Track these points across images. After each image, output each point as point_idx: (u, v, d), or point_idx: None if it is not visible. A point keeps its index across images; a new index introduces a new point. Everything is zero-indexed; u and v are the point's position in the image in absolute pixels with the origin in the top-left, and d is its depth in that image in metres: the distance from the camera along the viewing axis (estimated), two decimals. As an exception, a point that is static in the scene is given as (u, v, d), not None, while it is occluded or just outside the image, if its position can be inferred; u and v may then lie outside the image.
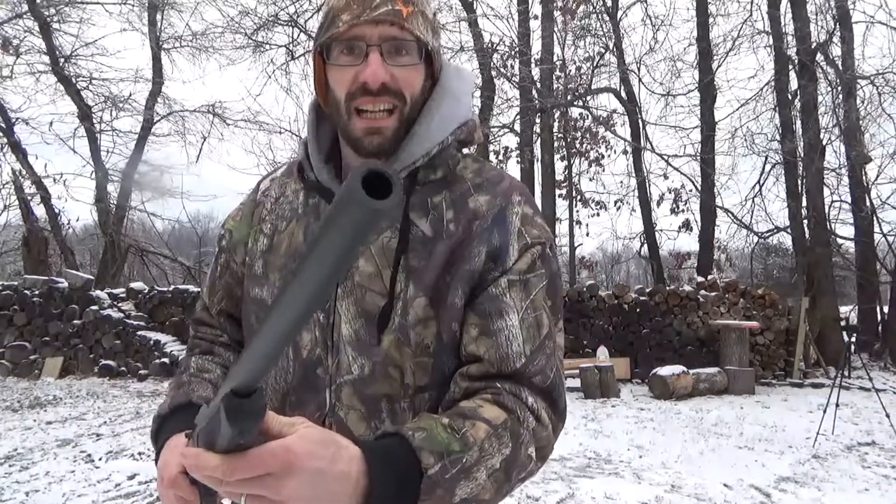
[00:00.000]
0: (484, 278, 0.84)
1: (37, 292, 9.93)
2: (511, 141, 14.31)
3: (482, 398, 0.78)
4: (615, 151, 14.80)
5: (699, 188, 13.03)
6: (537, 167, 13.34)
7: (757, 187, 13.42)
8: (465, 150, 0.96)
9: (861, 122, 11.37)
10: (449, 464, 0.67)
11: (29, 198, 12.78)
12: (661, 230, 14.62)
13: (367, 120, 0.82)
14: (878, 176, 12.07)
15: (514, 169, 13.39)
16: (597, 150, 14.82)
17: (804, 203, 11.67)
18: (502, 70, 13.10)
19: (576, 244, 16.25)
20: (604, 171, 15.18)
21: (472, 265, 0.84)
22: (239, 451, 0.53)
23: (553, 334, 0.85)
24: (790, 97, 12.15)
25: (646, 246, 14.54)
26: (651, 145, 14.15)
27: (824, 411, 5.64)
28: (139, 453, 4.98)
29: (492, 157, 13.94)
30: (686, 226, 14.13)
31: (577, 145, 14.75)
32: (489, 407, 0.76)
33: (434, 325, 0.83)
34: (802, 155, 11.58)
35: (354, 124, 0.82)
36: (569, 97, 13.73)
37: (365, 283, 0.84)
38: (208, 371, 0.95)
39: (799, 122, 11.91)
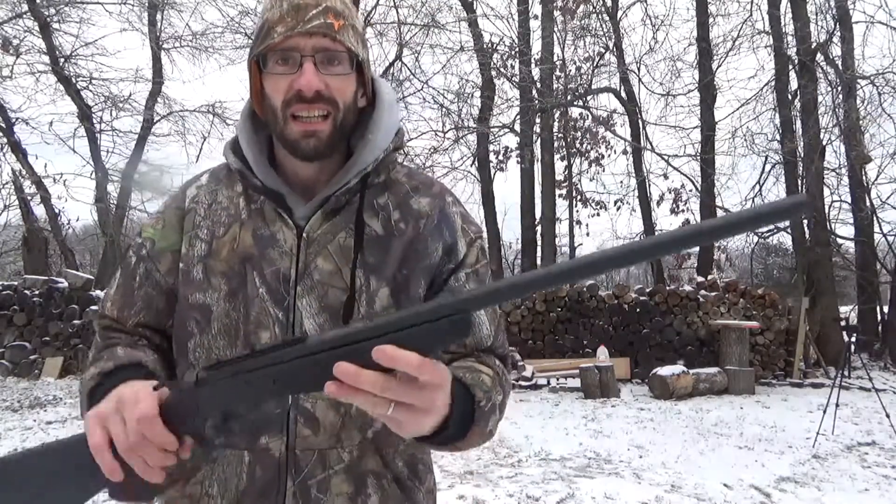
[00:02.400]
0: (441, 271, 0.95)
1: (37, 292, 9.93)
2: (511, 141, 14.32)
3: (470, 361, 0.91)
4: (615, 151, 14.81)
5: (699, 188, 13.03)
6: (537, 167, 13.34)
7: (757, 187, 13.43)
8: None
9: (861, 122, 11.36)
10: (486, 399, 0.81)
11: (29, 198, 12.78)
12: (662, 230, 14.58)
13: (304, 124, 0.86)
14: (878, 176, 12.09)
15: (514, 169, 13.41)
16: (597, 150, 14.82)
17: (804, 203, 11.65)
18: (502, 70, 13.11)
19: (576, 244, 16.26)
20: (604, 171, 15.19)
21: (431, 260, 0.94)
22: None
23: (498, 311, 0.99)
24: (790, 97, 12.15)
25: (645, 246, 14.51)
26: (651, 145, 14.16)
27: (824, 411, 5.64)
28: (139, 453, 4.98)
29: (492, 156, 13.96)
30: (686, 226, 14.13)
31: (577, 145, 14.75)
32: (480, 365, 0.89)
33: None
34: (802, 155, 11.59)
35: (291, 129, 0.87)
36: (569, 97, 13.73)
37: (326, 280, 0.89)
38: (140, 352, 0.91)
39: (799, 122, 11.91)
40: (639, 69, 14.32)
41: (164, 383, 0.74)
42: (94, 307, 9.65)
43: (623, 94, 14.14)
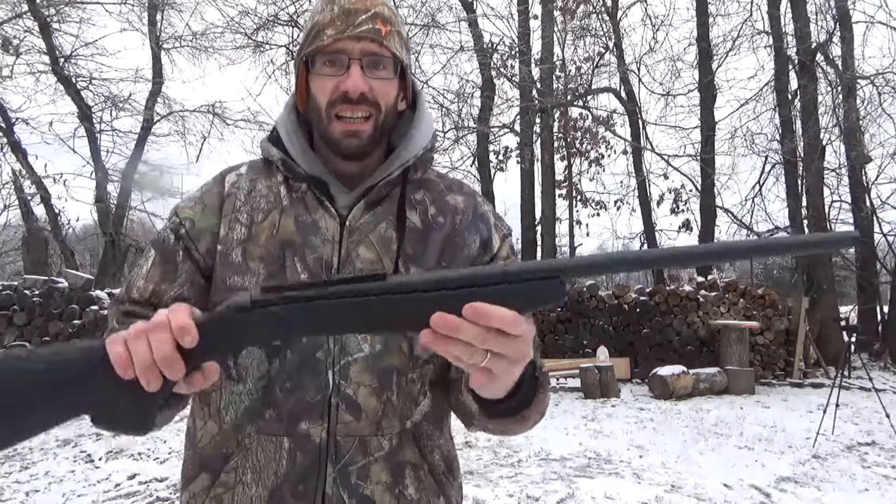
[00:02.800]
0: (475, 263, 0.98)
1: (37, 292, 9.93)
2: (511, 141, 14.32)
3: None
4: (615, 151, 14.80)
5: (699, 188, 13.03)
6: (537, 167, 13.32)
7: (757, 187, 13.43)
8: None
9: (861, 122, 11.36)
10: (542, 371, 0.84)
11: (29, 198, 12.77)
12: (661, 230, 14.62)
13: (346, 123, 0.90)
14: (878, 176, 12.08)
15: (514, 169, 13.40)
16: (597, 150, 14.81)
17: (804, 203, 11.67)
18: (502, 70, 13.10)
19: (576, 244, 16.25)
20: (604, 171, 15.18)
21: (469, 251, 0.98)
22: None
23: None
24: (790, 97, 12.15)
25: (646, 246, 14.54)
26: (651, 145, 14.16)
27: (824, 411, 5.64)
28: (139, 453, 4.98)
29: (492, 156, 13.95)
30: (686, 226, 14.13)
31: (577, 145, 14.74)
32: None
33: None
34: (802, 155, 11.59)
35: (334, 128, 0.91)
36: (569, 97, 13.73)
37: (368, 269, 0.92)
38: None
39: (799, 122, 11.91)
40: (639, 69, 14.33)
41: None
42: (94, 307, 9.64)
43: (623, 94, 14.13)
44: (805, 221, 11.54)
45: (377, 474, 0.89)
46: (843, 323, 10.99)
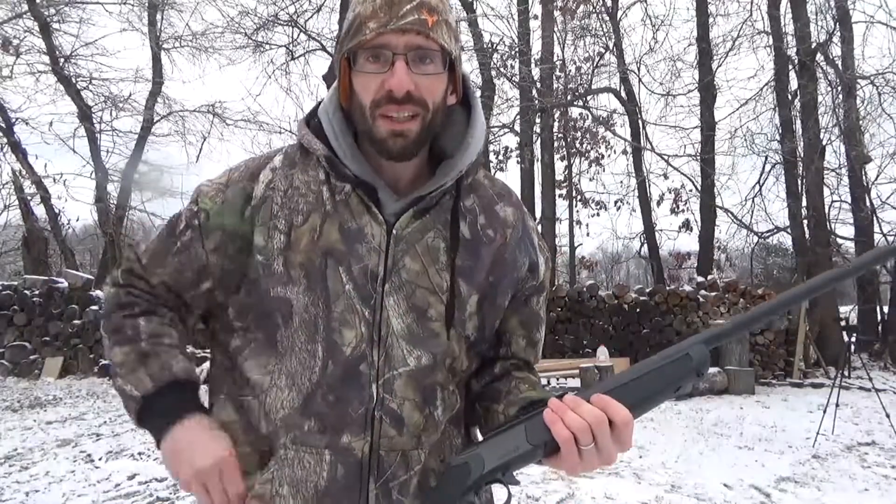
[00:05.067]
0: (522, 287, 0.97)
1: (37, 292, 9.93)
2: (511, 141, 14.34)
3: (523, 371, 0.99)
4: (615, 151, 14.83)
5: (699, 188, 13.03)
6: (537, 167, 13.34)
7: (757, 187, 13.44)
8: None
9: (861, 122, 11.37)
10: None
11: (29, 198, 12.78)
12: (661, 230, 14.65)
13: (392, 122, 0.83)
14: (878, 176, 12.10)
15: (514, 169, 13.41)
16: (597, 150, 14.83)
17: (804, 203, 11.67)
18: (502, 70, 13.10)
19: (576, 244, 16.28)
20: (604, 171, 15.22)
21: (518, 273, 0.96)
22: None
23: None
24: (790, 97, 12.15)
25: (646, 246, 14.55)
26: (651, 145, 14.17)
27: (824, 411, 5.64)
28: (139, 453, 4.98)
29: (492, 156, 13.95)
30: (686, 226, 14.14)
31: (577, 145, 14.75)
32: (532, 376, 0.99)
33: (477, 318, 0.92)
34: (802, 155, 11.59)
35: (379, 127, 0.84)
36: (569, 97, 13.73)
37: (413, 280, 0.88)
38: (165, 335, 0.92)
39: (799, 122, 11.92)
40: (639, 69, 14.35)
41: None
42: (93, 307, 9.64)
43: (623, 94, 14.14)
44: (805, 221, 11.54)
45: (414, 487, 0.88)
46: (842, 323, 10.99)
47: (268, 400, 0.87)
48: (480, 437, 0.96)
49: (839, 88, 11.62)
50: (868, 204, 11.72)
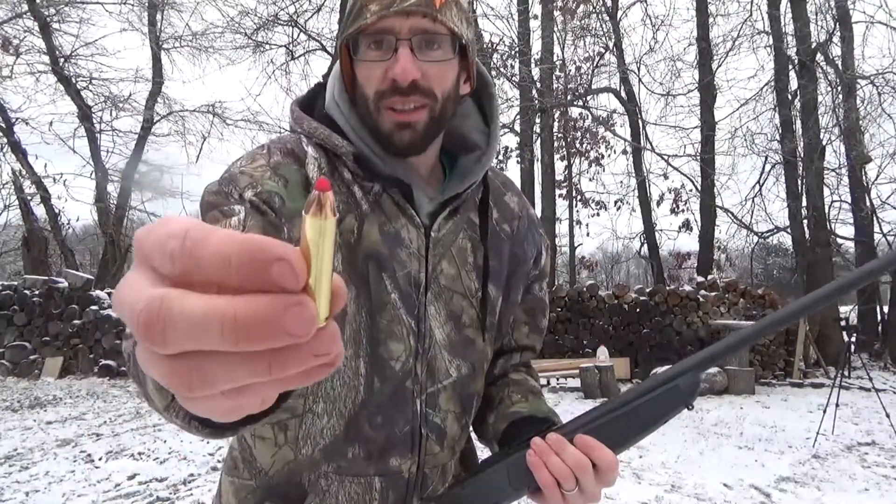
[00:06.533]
0: (529, 276, 0.94)
1: (37, 292, 9.93)
2: (511, 141, 14.31)
3: (520, 372, 0.96)
4: (615, 151, 14.83)
5: (699, 188, 13.03)
6: (537, 167, 13.33)
7: (757, 187, 13.43)
8: None
9: (861, 122, 11.36)
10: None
11: (29, 198, 12.78)
12: (661, 230, 14.64)
13: (398, 114, 0.75)
14: (878, 176, 12.08)
15: (514, 169, 13.41)
16: (597, 150, 14.83)
17: (804, 203, 11.67)
18: (502, 70, 13.09)
19: (576, 244, 16.27)
20: (604, 171, 15.21)
21: (527, 266, 0.93)
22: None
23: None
24: (790, 97, 12.14)
25: (646, 246, 14.54)
26: (651, 145, 14.16)
27: (824, 411, 5.64)
28: (139, 453, 4.98)
29: (492, 157, 13.93)
30: (686, 226, 14.14)
31: (577, 145, 14.75)
32: (534, 382, 0.95)
33: (497, 318, 0.90)
34: (802, 155, 11.58)
35: (384, 119, 0.76)
36: (569, 97, 13.73)
37: (450, 286, 0.82)
38: None
39: (799, 122, 11.91)
40: (639, 69, 14.34)
41: None
42: (93, 307, 9.64)
43: (623, 94, 14.14)
44: (805, 221, 11.54)
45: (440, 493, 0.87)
46: (843, 323, 10.98)
47: (302, 427, 0.78)
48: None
49: (839, 88, 11.62)
50: (868, 204, 11.71)
